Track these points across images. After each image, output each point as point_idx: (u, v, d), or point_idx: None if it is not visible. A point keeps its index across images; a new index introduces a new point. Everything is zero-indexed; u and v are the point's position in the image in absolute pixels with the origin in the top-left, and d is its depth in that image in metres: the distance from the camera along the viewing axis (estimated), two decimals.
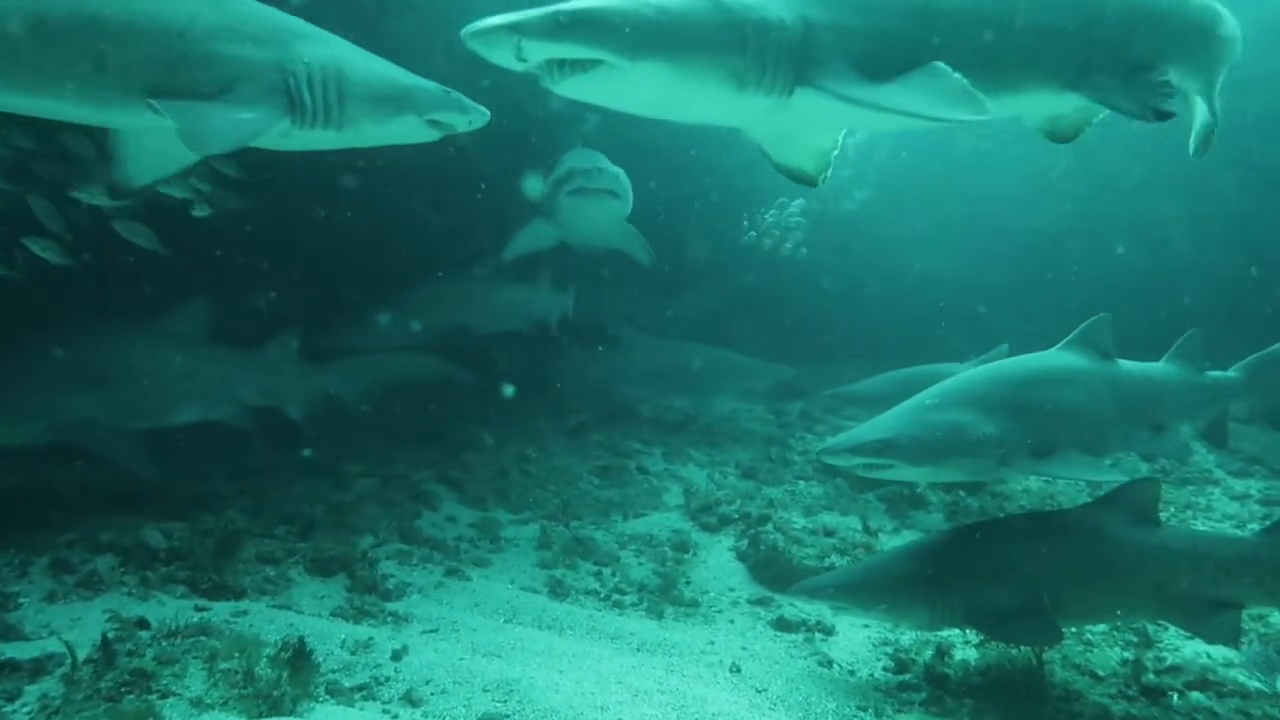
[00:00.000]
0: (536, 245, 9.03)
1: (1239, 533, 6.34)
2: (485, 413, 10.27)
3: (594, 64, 3.41)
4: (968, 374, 5.80)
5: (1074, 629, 5.31)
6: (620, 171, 8.05)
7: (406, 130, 4.28)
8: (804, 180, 4.57)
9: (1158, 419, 5.90)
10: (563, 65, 3.45)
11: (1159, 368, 6.18)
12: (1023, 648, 4.90)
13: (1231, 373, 6.51)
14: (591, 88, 3.52)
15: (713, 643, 5.53)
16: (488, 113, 4.43)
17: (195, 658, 3.67)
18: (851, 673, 5.34)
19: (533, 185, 8.80)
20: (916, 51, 3.58)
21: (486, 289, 10.13)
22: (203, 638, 3.95)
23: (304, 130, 3.95)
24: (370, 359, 8.62)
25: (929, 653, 5.28)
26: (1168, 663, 5.24)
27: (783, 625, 5.94)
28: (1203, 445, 10.06)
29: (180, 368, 6.78)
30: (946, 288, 13.49)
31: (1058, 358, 5.79)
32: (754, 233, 13.17)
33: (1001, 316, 12.92)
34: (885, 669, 5.36)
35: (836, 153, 4.48)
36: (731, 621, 6.04)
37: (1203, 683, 5.01)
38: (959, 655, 5.25)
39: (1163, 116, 4.09)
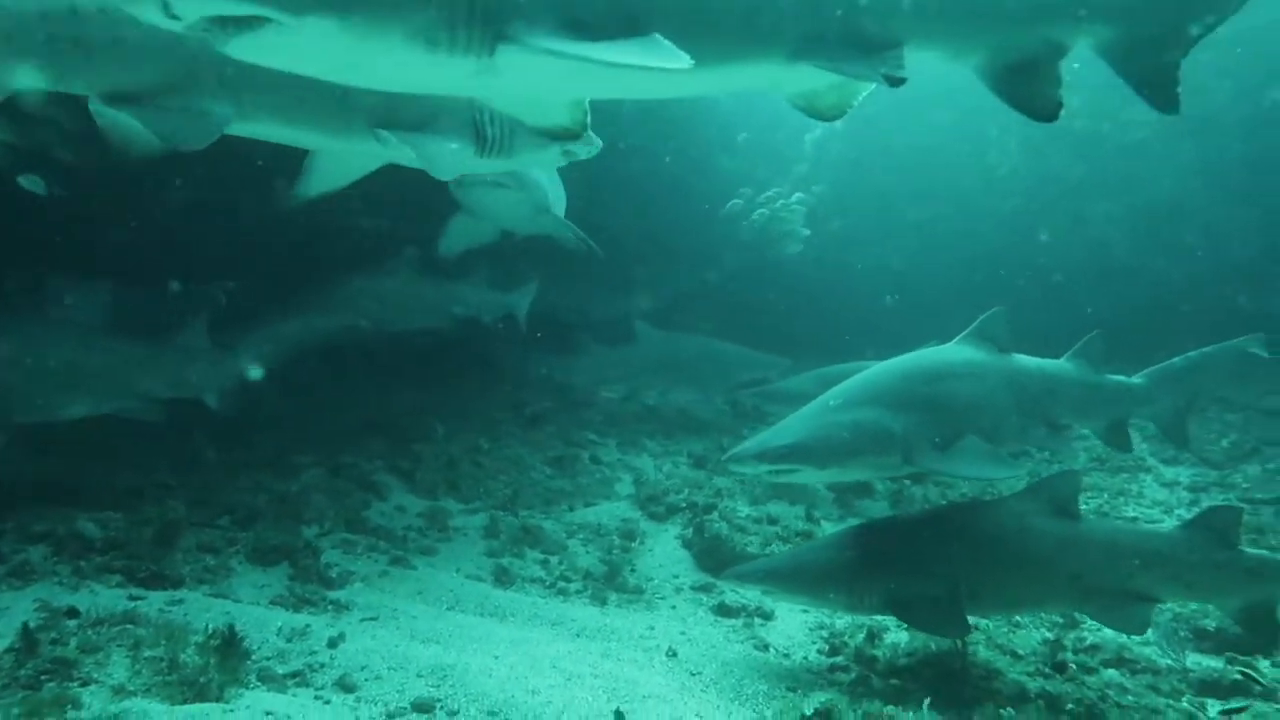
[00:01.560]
0: (473, 239, 8.46)
1: (1160, 526, 6.44)
2: (439, 403, 10.29)
3: (260, 21, 2.97)
4: (870, 371, 5.79)
5: (1001, 617, 5.45)
6: None
7: (550, 159, 4.98)
8: (567, 136, 4.16)
9: (1053, 416, 5.90)
10: (227, 23, 3.00)
11: (1057, 365, 6.17)
12: None
13: (1135, 379, 6.51)
14: (261, 47, 3.08)
15: (652, 628, 5.63)
16: (600, 143, 4.83)
17: (119, 646, 3.69)
18: (786, 656, 5.46)
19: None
20: (626, 18, 3.27)
21: (401, 286, 9.41)
22: (129, 626, 3.96)
23: (481, 158, 4.57)
24: (284, 336, 8.24)
25: (861, 636, 5.41)
26: (1088, 642, 5.44)
27: (723, 611, 6.05)
28: (1137, 433, 10.39)
29: (66, 358, 6.33)
30: (896, 282, 13.68)
31: (956, 351, 5.78)
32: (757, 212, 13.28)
33: (956, 310, 13.17)
34: (820, 652, 5.49)
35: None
36: (673, 608, 6.15)
37: (1119, 660, 5.22)
38: (890, 638, 5.38)
39: (895, 83, 3.81)
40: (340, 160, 5.09)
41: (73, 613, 4.31)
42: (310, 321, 8.84)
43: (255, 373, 7.56)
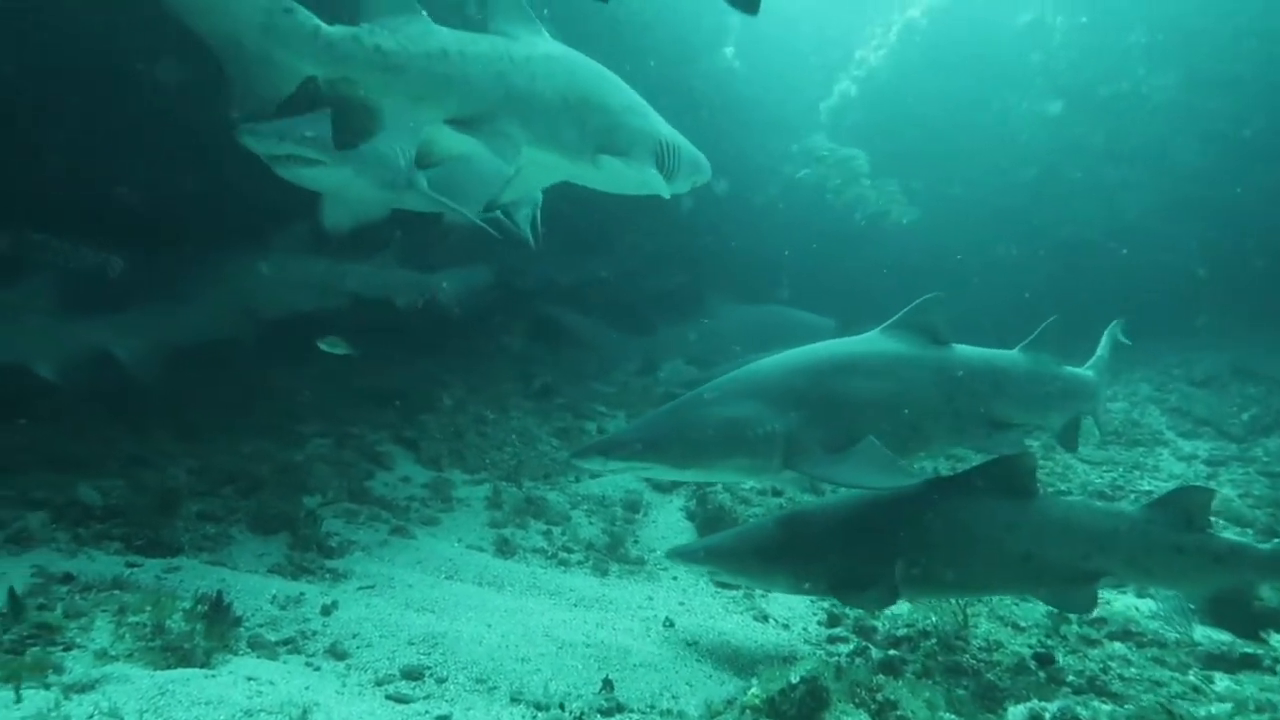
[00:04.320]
0: (354, 216, 7.06)
1: (1121, 506, 5.89)
2: (447, 375, 10.30)
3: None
4: (759, 363, 5.06)
5: (950, 598, 5.08)
6: (324, 134, 5.56)
7: (688, 187, 5.48)
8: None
9: (999, 414, 5.15)
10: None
11: (1006, 357, 5.45)
12: (950, 600, 4.97)
13: (1086, 370, 5.88)
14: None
15: (651, 598, 5.60)
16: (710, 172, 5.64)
17: (105, 611, 3.69)
18: (786, 627, 5.41)
19: None
20: None
21: (282, 267, 8.78)
22: (117, 591, 3.97)
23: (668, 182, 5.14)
24: (156, 312, 7.80)
25: None
26: (1094, 614, 5.31)
27: (725, 582, 6.00)
28: (1156, 406, 10.23)
29: None
30: (910, 250, 13.49)
31: (871, 342, 5.11)
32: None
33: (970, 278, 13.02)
34: (819, 623, 5.43)
35: None
36: (674, 578, 6.10)
37: (1125, 633, 5.11)
38: (890, 609, 5.31)
39: None
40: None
41: (67, 578, 4.34)
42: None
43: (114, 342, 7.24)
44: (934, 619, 5.10)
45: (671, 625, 5.11)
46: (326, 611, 4.57)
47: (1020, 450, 4.73)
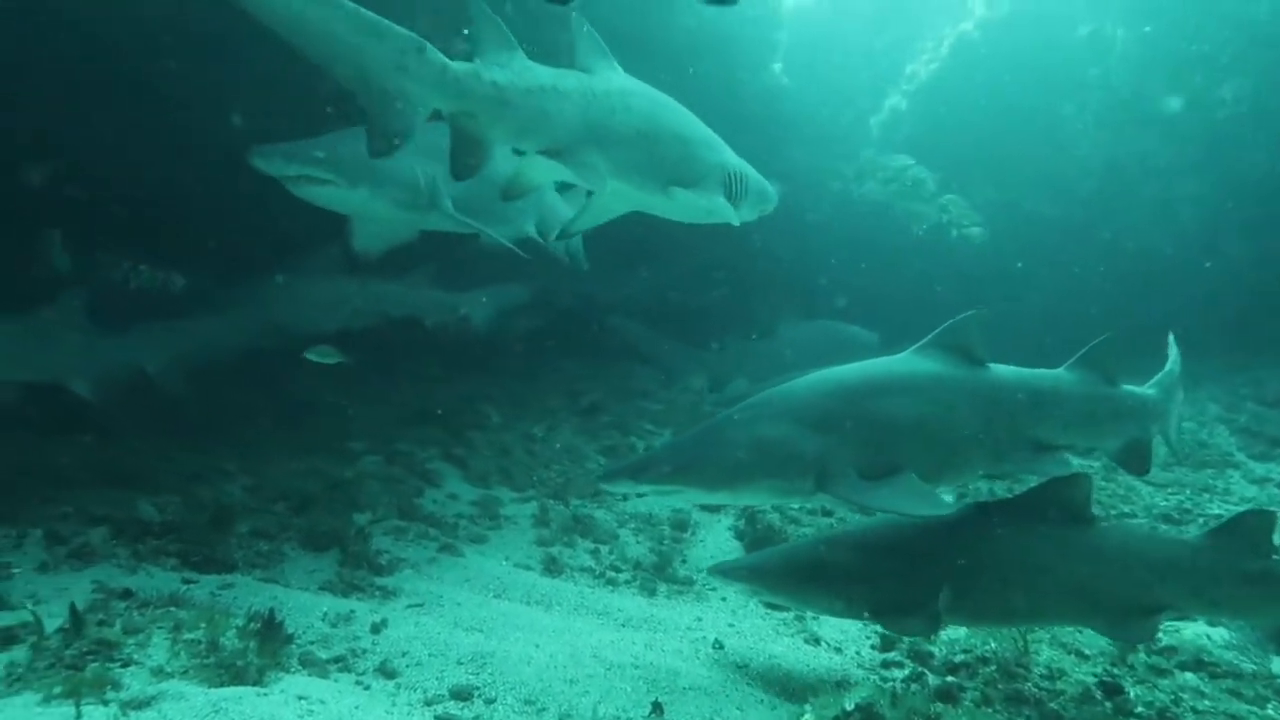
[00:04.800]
0: (384, 238, 7.14)
1: (1182, 534, 5.61)
2: (495, 392, 10.36)
3: None
4: (792, 383, 4.87)
5: (1000, 629, 4.97)
6: (337, 155, 5.70)
7: (755, 215, 5.63)
8: None
9: (1040, 435, 4.88)
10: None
11: (1050, 377, 5.16)
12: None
13: (1148, 390, 5.54)
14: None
15: (700, 619, 5.52)
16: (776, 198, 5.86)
17: (161, 628, 3.74)
18: (838, 650, 5.30)
19: None
20: None
21: (308, 287, 8.92)
22: (173, 608, 4.02)
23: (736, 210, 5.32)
24: (179, 326, 7.81)
25: None
26: (1162, 643, 5.12)
27: (775, 604, 5.90)
28: (1225, 426, 9.88)
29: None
30: (964, 263, 13.27)
31: (905, 363, 4.89)
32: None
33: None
34: (873, 647, 5.31)
35: None
36: (724, 599, 6.02)
37: (1197, 663, 4.90)
38: (946, 634, 5.18)
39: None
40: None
41: (126, 594, 4.42)
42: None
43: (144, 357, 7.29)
44: (993, 645, 4.95)
45: (721, 647, 5.03)
46: (376, 630, 4.58)
47: (1068, 472, 4.51)
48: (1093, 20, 13.19)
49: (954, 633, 5.22)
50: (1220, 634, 5.29)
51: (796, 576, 4.51)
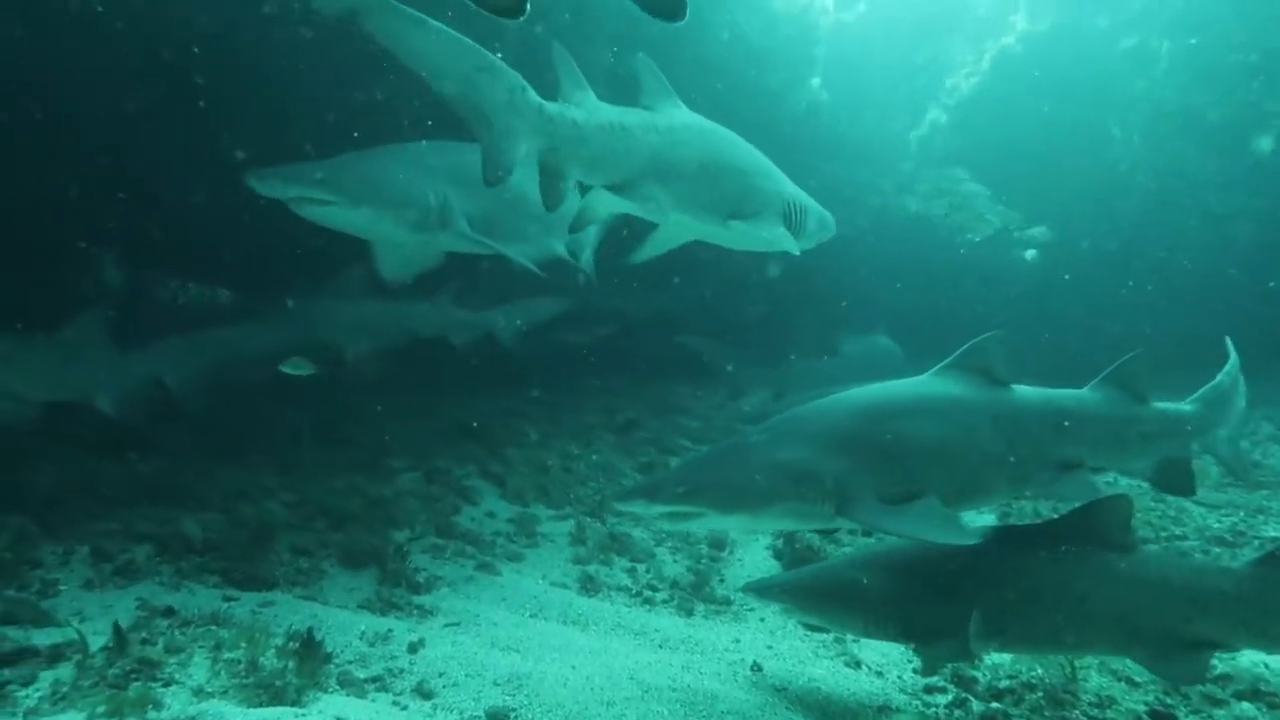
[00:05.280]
0: (410, 262, 7.11)
1: (1235, 557, 5.37)
2: (532, 409, 10.39)
3: None
4: (811, 405, 4.82)
5: (1036, 657, 4.86)
6: (336, 175, 5.69)
7: (814, 243, 5.73)
8: None
9: (1065, 456, 4.76)
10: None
11: (1074, 397, 5.04)
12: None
13: (1184, 405, 5.33)
14: None
15: (738, 640, 5.46)
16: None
17: (202, 647, 3.78)
18: (879, 674, 5.20)
19: None
20: None
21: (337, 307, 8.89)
22: (213, 627, 4.06)
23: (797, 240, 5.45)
24: (198, 341, 7.76)
25: None
26: (1218, 670, 4.96)
27: (811, 624, 5.82)
28: (1278, 446, 9.59)
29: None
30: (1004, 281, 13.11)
31: (926, 384, 4.80)
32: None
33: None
34: (915, 670, 5.20)
35: None
36: (762, 620, 5.95)
37: (1254, 692, 4.74)
38: (991, 658, 5.06)
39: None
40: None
41: (169, 612, 4.47)
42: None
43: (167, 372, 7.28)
44: (1040, 670, 4.84)
45: (759, 670, 4.97)
46: (413, 649, 4.59)
47: (1095, 495, 4.38)
48: (1137, 33, 13.01)
49: (999, 658, 5.11)
50: (1279, 662, 5.11)
51: (828, 596, 4.44)
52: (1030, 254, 12.53)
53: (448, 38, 3.86)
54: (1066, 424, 4.81)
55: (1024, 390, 4.88)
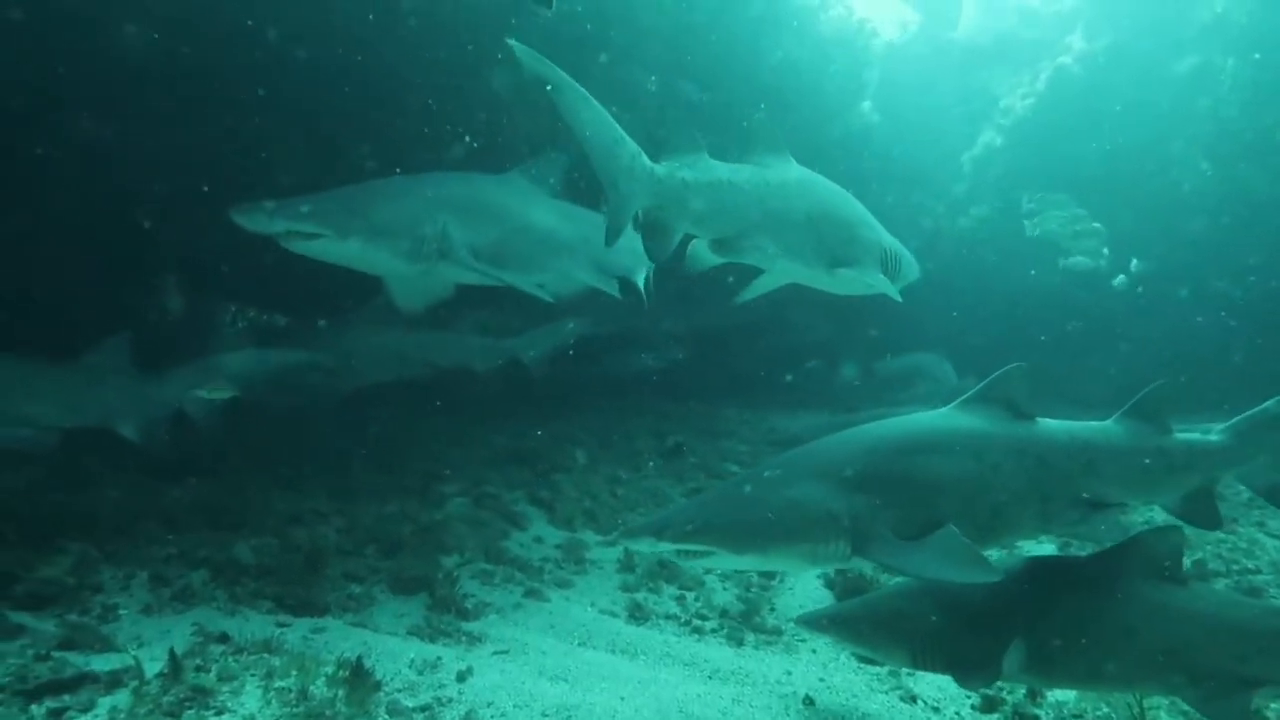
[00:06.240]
0: (422, 294, 6.90)
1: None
2: (581, 434, 10.41)
3: None
4: (827, 439, 4.64)
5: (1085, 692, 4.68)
6: (323, 207, 5.48)
7: (902, 285, 5.83)
8: None
9: (1093, 493, 4.57)
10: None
11: (1099, 429, 4.83)
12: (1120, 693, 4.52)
13: (1214, 436, 5.06)
14: None
15: (790, 673, 5.35)
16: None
17: (254, 675, 3.81)
18: (936, 710, 5.06)
19: None
20: None
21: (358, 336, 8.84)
22: (266, 655, 4.10)
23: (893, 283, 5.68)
24: (217, 365, 7.57)
25: (1020, 692, 4.96)
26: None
27: (868, 657, 5.69)
28: None
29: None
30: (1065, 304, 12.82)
31: (947, 418, 4.62)
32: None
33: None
34: (973, 707, 5.05)
35: None
36: (814, 651, 5.84)
37: None
38: (1052, 696, 4.90)
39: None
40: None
41: (223, 638, 4.52)
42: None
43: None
44: (1105, 708, 4.66)
45: (812, 704, 4.87)
46: (462, 678, 4.58)
47: (1121, 533, 4.22)
48: (1199, 51, 12.69)
49: (1062, 695, 4.94)
50: None
51: (875, 627, 4.36)
52: (1119, 280, 12.29)
53: (602, 114, 4.31)
54: (1092, 458, 4.63)
55: (1048, 423, 4.71)
